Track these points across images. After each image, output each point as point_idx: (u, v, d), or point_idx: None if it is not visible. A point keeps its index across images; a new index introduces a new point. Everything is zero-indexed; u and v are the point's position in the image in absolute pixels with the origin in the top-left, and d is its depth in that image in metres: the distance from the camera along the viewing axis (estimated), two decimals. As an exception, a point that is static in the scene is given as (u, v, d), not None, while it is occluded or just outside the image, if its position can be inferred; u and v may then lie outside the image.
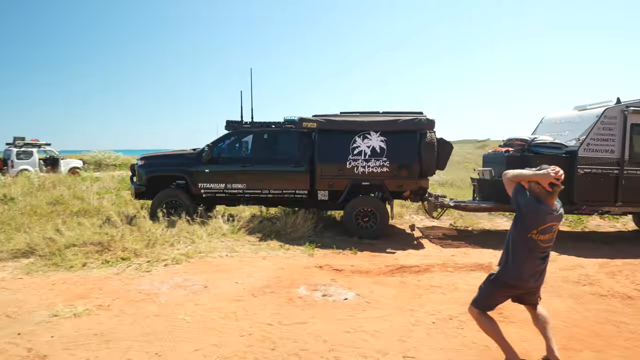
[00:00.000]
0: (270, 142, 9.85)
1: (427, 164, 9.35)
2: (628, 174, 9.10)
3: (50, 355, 4.00)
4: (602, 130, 9.13)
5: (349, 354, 4.13)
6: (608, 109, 9.22)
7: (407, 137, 9.35)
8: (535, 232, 3.58)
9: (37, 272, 6.57)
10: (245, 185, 9.61)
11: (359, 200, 9.37)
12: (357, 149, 9.36)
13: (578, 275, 6.76)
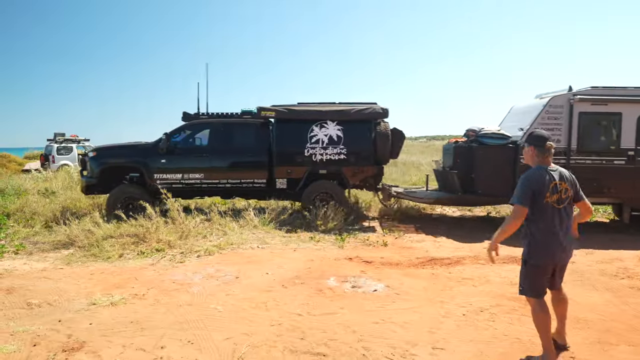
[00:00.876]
0: (228, 132, 9.90)
1: (381, 152, 9.73)
2: (576, 164, 8.79)
3: (88, 342, 4.15)
4: (547, 120, 8.92)
5: (377, 344, 4.14)
6: (553, 97, 9.03)
7: (362, 126, 9.78)
8: (549, 195, 3.68)
9: (76, 262, 6.81)
10: (203, 175, 9.61)
11: (317, 185, 9.67)
12: (315, 138, 9.66)
13: (616, 268, 6.57)
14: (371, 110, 9.75)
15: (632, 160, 8.85)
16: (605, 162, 8.89)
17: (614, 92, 8.92)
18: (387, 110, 9.86)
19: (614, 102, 8.86)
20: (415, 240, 8.34)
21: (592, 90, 8.98)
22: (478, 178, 9.22)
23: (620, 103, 8.84)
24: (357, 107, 9.80)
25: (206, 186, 9.72)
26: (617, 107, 8.86)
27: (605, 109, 8.90)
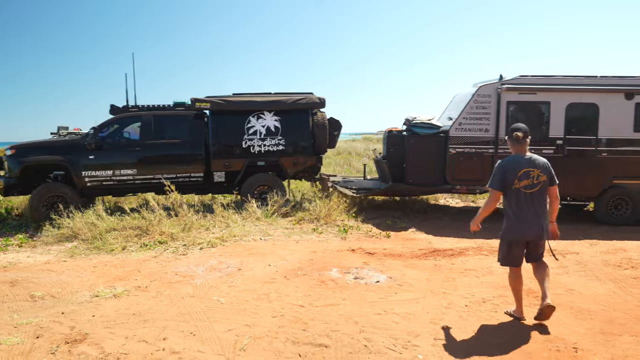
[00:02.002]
0: (161, 125, 9.52)
1: (319, 142, 9.76)
2: (505, 153, 8.61)
3: (91, 333, 4.17)
4: (475, 109, 8.91)
5: (379, 335, 4.14)
6: (481, 87, 8.98)
7: (300, 116, 9.73)
8: (517, 182, 4.21)
9: (79, 255, 6.84)
10: (136, 171, 9.21)
11: (256, 177, 9.57)
12: (252, 129, 9.54)
13: (620, 258, 6.54)
14: (308, 100, 9.66)
15: (561, 149, 8.79)
16: (534, 151, 8.76)
17: (542, 80, 8.86)
18: (324, 100, 9.80)
19: (542, 91, 8.81)
20: (418, 231, 8.33)
21: (521, 79, 8.91)
22: (409, 167, 9.25)
23: (548, 92, 8.79)
24: (293, 97, 9.70)
25: (140, 182, 9.32)
26: (545, 96, 8.81)
27: (533, 98, 8.87)
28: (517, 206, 4.28)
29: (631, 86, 8.70)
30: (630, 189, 8.81)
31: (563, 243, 7.32)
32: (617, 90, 8.70)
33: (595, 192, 8.87)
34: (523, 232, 4.31)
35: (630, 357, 3.76)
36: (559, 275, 5.80)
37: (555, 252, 4.57)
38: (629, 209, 8.87)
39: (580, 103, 8.79)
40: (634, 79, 8.82)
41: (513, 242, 4.37)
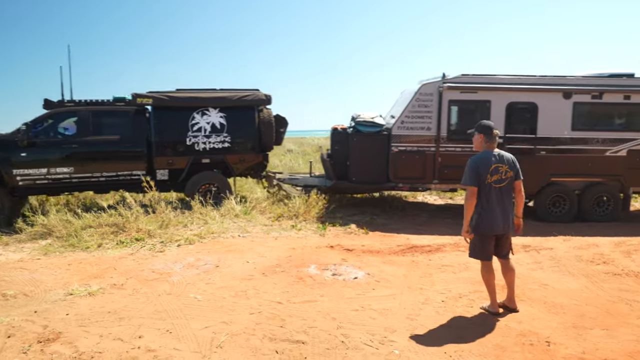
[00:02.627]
0: (99, 120, 9.09)
1: (266, 139, 9.64)
2: (446, 152, 8.91)
3: (65, 332, 4.10)
4: (417, 107, 8.91)
5: (356, 331, 4.16)
6: (423, 85, 8.97)
7: (245, 113, 9.53)
8: (489, 177, 4.37)
9: (54, 252, 6.72)
10: (73, 169, 8.76)
11: (201, 175, 9.36)
12: (197, 126, 9.32)
13: (592, 254, 6.67)
14: (254, 96, 9.55)
15: (501, 148, 8.86)
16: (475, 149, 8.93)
17: (483, 79, 8.91)
18: (270, 96, 9.69)
19: (483, 90, 8.84)
20: (396, 228, 8.38)
21: (462, 78, 8.92)
22: (352, 165, 9.26)
23: (489, 91, 8.83)
24: (239, 93, 9.54)
25: (77, 181, 8.85)
26: (486, 94, 8.85)
27: (474, 96, 8.90)
28: (487, 201, 4.42)
29: (569, 86, 8.82)
30: (568, 187, 8.95)
31: (538, 239, 7.46)
32: (555, 90, 8.81)
33: (534, 189, 8.93)
34: (492, 226, 4.44)
35: (601, 350, 3.85)
36: (533, 271, 5.90)
37: (529, 248, 4.66)
38: (566, 207, 8.99)
39: (520, 102, 8.87)
40: (572, 79, 8.97)
41: (483, 235, 4.49)
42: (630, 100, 8.83)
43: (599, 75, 9.14)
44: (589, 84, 8.88)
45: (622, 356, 3.76)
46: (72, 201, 9.74)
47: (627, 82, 8.89)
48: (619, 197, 9.07)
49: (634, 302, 4.91)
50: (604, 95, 8.80)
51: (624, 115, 9.06)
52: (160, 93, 9.25)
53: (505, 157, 4.50)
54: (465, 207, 4.45)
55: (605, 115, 9.06)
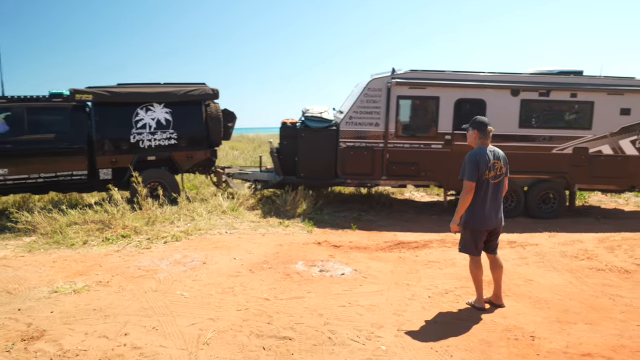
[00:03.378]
0: (36, 118, 8.54)
1: (214, 134, 9.41)
2: (395, 148, 8.93)
3: (49, 330, 4.06)
4: (366, 103, 8.88)
5: (344, 327, 4.17)
6: (372, 81, 8.92)
7: (192, 108, 9.26)
8: (487, 173, 4.40)
9: (39, 250, 6.64)
10: (7, 171, 8.21)
11: (147, 174, 8.93)
12: (141, 122, 8.96)
13: (577, 250, 6.76)
14: (201, 91, 9.23)
15: (450, 144, 8.94)
16: (424, 146, 8.97)
17: (432, 76, 8.90)
18: (217, 91, 9.42)
19: (432, 86, 8.85)
20: (384, 224, 8.41)
21: (411, 74, 8.90)
22: (301, 161, 9.23)
23: (438, 87, 8.84)
24: (185, 88, 9.20)
25: (12, 183, 8.32)
26: (435, 91, 8.86)
27: (423, 93, 8.92)
28: (483, 196, 4.45)
29: (517, 83, 8.86)
30: (516, 184, 8.97)
31: (524, 235, 7.54)
32: (504, 87, 8.84)
33: None
34: (486, 221, 4.48)
35: (584, 344, 3.90)
36: (519, 267, 5.96)
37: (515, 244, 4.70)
38: (514, 203, 9.06)
39: (469, 99, 8.88)
40: (520, 76, 9.00)
41: (477, 230, 4.52)
42: (577, 98, 8.92)
43: (548, 72, 9.18)
44: (537, 81, 8.91)
45: (605, 350, 3.81)
46: (57, 198, 9.63)
47: (575, 80, 8.95)
48: (565, 194, 9.15)
49: (617, 297, 4.99)
50: (551, 92, 8.86)
51: (570, 113, 9.14)
52: (101, 89, 8.78)
53: (499, 154, 4.56)
54: (462, 202, 4.46)
55: (553, 112, 9.12)
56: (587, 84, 8.90)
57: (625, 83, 8.95)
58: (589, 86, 8.88)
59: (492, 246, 4.67)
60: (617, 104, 8.91)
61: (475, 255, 4.60)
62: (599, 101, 8.88)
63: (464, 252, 4.67)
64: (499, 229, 4.64)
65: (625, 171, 9.02)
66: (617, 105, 8.91)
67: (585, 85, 8.89)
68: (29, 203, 8.86)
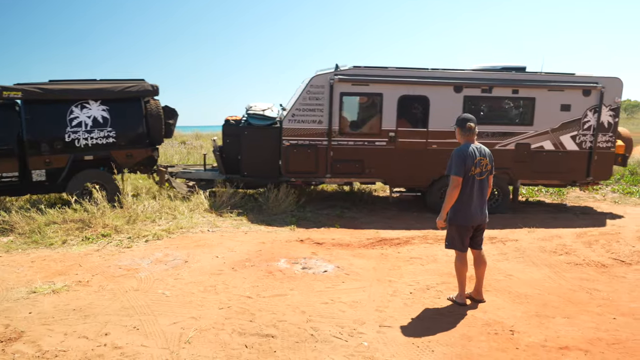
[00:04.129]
0: None
1: (155, 132, 9.05)
2: (339, 145, 8.87)
3: (27, 331, 4.00)
4: (308, 100, 8.75)
5: (326, 324, 4.19)
6: (314, 77, 8.79)
7: (131, 105, 8.86)
8: (473, 169, 4.44)
9: (16, 249, 6.53)
10: None
11: (84, 174, 8.56)
12: (76, 120, 8.45)
13: (555, 245, 6.87)
14: (139, 87, 8.84)
15: (393, 141, 8.94)
16: (368, 143, 8.96)
17: (375, 72, 8.82)
18: (157, 87, 9.04)
19: (375, 83, 8.77)
20: (366, 221, 8.44)
21: (354, 70, 8.77)
22: (244, 159, 9.15)
23: (381, 84, 8.76)
24: (122, 84, 8.79)
25: None
26: (378, 87, 8.79)
27: (366, 89, 8.85)
28: (469, 192, 4.49)
29: (460, 79, 8.89)
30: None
31: (504, 231, 7.63)
32: (446, 83, 8.86)
33: (426, 182, 9.09)
34: (472, 217, 4.54)
35: (562, 337, 3.98)
36: (499, 262, 6.04)
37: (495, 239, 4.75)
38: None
39: (412, 95, 8.86)
40: (462, 72, 9.02)
41: (463, 226, 4.57)
42: (519, 94, 9.01)
43: (491, 68, 9.21)
44: (479, 77, 8.95)
45: (582, 343, 3.89)
46: (35, 197, 9.46)
47: (516, 77, 9.01)
48: (508, 190, 9.27)
49: (594, 291, 5.09)
50: (493, 89, 8.92)
51: (512, 109, 9.25)
52: (31, 85, 8.37)
53: (484, 150, 4.59)
54: (448, 197, 4.47)
55: (495, 109, 9.19)
56: (529, 80, 8.97)
57: (565, 79, 9.06)
58: (530, 82, 8.95)
59: (477, 241, 4.73)
60: (558, 99, 9.02)
61: (461, 251, 4.64)
62: (540, 97, 8.97)
63: (451, 248, 4.73)
64: (484, 224, 4.70)
65: (566, 166, 9.16)
66: (557, 101, 9.02)
67: (526, 82, 8.95)
68: (6, 202, 8.68)
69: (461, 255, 4.66)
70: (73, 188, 8.44)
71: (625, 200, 10.66)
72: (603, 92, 9.00)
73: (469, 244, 4.68)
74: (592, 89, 8.99)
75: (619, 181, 12.79)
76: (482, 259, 4.75)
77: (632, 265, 5.98)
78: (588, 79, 9.03)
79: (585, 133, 9.08)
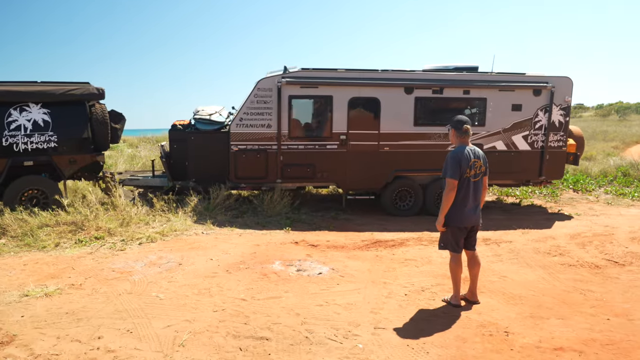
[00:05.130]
0: None
1: (100, 137, 8.68)
2: (289, 149, 8.76)
3: (20, 335, 3.97)
4: (256, 104, 8.61)
5: (321, 326, 4.17)
6: (261, 80, 8.64)
7: (74, 109, 8.48)
8: (468, 171, 4.46)
9: (8, 252, 6.48)
10: None
11: (23, 181, 8.18)
12: (15, 123, 8.05)
13: (549, 246, 6.89)
14: (83, 90, 8.47)
15: (345, 144, 8.88)
16: (319, 146, 8.88)
17: (324, 74, 8.74)
18: (102, 90, 8.68)
19: (324, 85, 8.67)
20: (360, 223, 8.44)
21: (302, 73, 8.69)
22: (191, 166, 8.98)
23: (330, 86, 8.67)
24: (64, 87, 8.40)
25: None
26: (327, 90, 8.70)
27: (315, 92, 8.75)
28: (463, 194, 4.51)
29: (410, 80, 8.85)
30: (414, 181, 9.05)
31: (498, 233, 7.65)
32: (397, 85, 8.82)
33: (379, 185, 9.05)
34: (467, 219, 4.55)
35: (556, 338, 3.98)
36: (493, 264, 6.05)
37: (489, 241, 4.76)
38: (412, 200, 9.12)
39: (362, 97, 8.81)
40: (413, 73, 8.97)
41: (458, 228, 4.58)
42: (470, 94, 9.00)
43: (444, 68, 9.18)
44: (430, 78, 8.91)
45: (576, 344, 3.90)
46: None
47: (467, 77, 9.00)
48: None
49: (588, 292, 5.10)
50: (444, 89, 8.92)
51: (463, 110, 9.22)
52: None
53: (479, 153, 4.61)
54: (445, 200, 4.49)
55: (447, 109, 9.11)
56: (479, 81, 8.97)
57: (516, 79, 9.08)
58: (481, 82, 8.95)
59: (470, 242, 4.74)
60: (509, 99, 9.05)
61: (456, 252, 4.65)
62: (491, 97, 8.99)
63: (444, 249, 4.74)
64: (477, 225, 4.71)
65: (518, 166, 9.21)
66: (508, 101, 9.06)
67: (477, 82, 8.94)
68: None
69: (456, 256, 4.65)
70: (10, 195, 8.10)
71: (618, 202, 10.71)
72: (553, 92, 9.05)
73: (463, 245, 4.68)
74: (542, 89, 9.05)
75: (611, 182, 12.85)
76: (476, 260, 4.76)
77: (625, 266, 6.01)
78: (538, 78, 9.08)
79: (537, 133, 9.16)
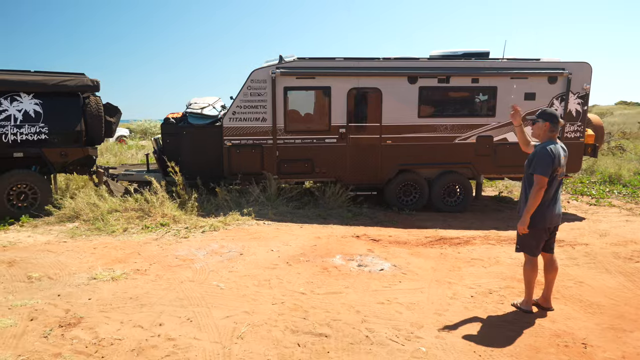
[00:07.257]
0: None
1: (94, 130, 8.33)
2: (285, 144, 8.32)
3: (86, 317, 4.08)
4: (250, 97, 8.21)
5: (382, 325, 4.02)
6: (254, 71, 8.21)
7: (68, 100, 8.15)
8: (559, 169, 4.16)
9: (80, 235, 6.76)
10: None
11: (11, 175, 7.81)
12: (5, 114, 7.74)
13: (631, 251, 6.36)
14: (78, 81, 8.15)
15: (345, 138, 8.39)
16: (317, 140, 8.44)
17: (321, 64, 8.31)
18: (97, 82, 8.34)
19: (322, 75, 8.25)
20: (423, 219, 8.17)
21: (298, 63, 8.27)
22: (184, 161, 8.57)
23: (328, 76, 8.25)
24: (58, 77, 8.11)
25: None
26: (325, 80, 8.26)
27: (312, 83, 8.31)
28: (553, 193, 4.22)
29: (415, 69, 8.31)
30: (419, 175, 8.55)
31: (572, 234, 7.17)
32: (400, 74, 8.28)
33: (382, 180, 8.60)
34: (552, 219, 4.27)
35: (642, 355, 3.62)
36: (568, 267, 5.64)
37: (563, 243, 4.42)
38: (417, 195, 8.65)
39: (363, 88, 8.35)
40: (417, 61, 8.41)
41: (540, 229, 4.27)
42: (479, 83, 8.38)
43: (452, 54, 8.60)
44: (436, 66, 8.36)
45: (665, 362, 3.52)
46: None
47: (476, 65, 8.38)
48: (470, 186, 8.69)
49: (678, 304, 4.64)
50: (451, 78, 8.34)
51: (472, 99, 8.57)
52: None
53: (566, 149, 4.34)
54: (534, 199, 4.11)
55: (454, 100, 8.57)
56: (489, 68, 8.38)
57: (529, 65, 8.41)
58: (491, 70, 8.36)
59: (549, 244, 4.41)
60: (521, 88, 8.43)
61: (534, 256, 4.35)
62: (501, 86, 8.39)
63: (522, 251, 4.41)
64: (559, 225, 4.43)
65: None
66: (521, 90, 8.43)
67: (486, 70, 8.36)
68: (73, 190, 8.98)
69: (532, 259, 4.36)
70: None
71: None
72: (570, 79, 8.39)
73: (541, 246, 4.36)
74: (558, 76, 8.39)
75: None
76: (554, 264, 4.43)
77: None
78: (554, 64, 8.42)
79: None
